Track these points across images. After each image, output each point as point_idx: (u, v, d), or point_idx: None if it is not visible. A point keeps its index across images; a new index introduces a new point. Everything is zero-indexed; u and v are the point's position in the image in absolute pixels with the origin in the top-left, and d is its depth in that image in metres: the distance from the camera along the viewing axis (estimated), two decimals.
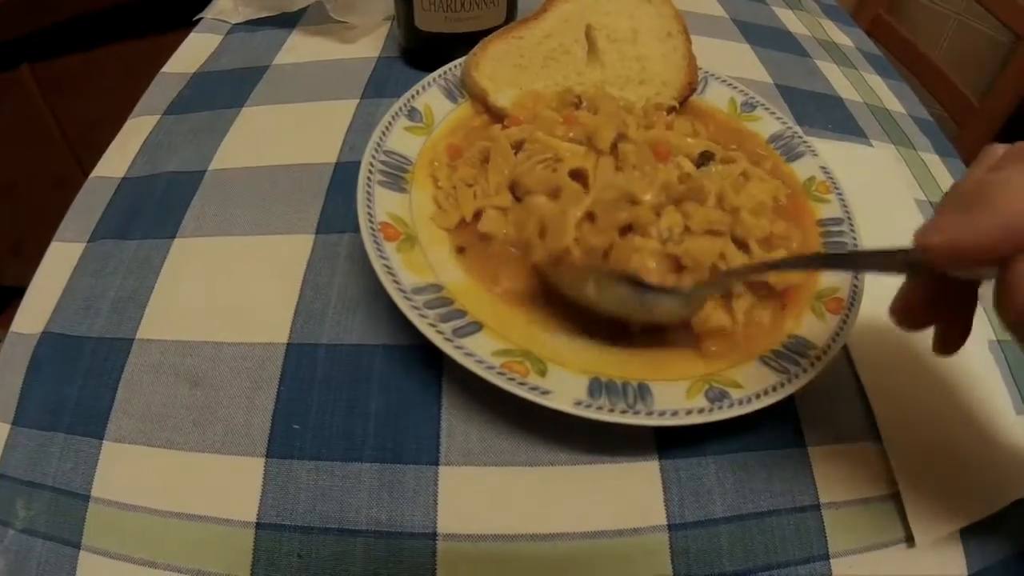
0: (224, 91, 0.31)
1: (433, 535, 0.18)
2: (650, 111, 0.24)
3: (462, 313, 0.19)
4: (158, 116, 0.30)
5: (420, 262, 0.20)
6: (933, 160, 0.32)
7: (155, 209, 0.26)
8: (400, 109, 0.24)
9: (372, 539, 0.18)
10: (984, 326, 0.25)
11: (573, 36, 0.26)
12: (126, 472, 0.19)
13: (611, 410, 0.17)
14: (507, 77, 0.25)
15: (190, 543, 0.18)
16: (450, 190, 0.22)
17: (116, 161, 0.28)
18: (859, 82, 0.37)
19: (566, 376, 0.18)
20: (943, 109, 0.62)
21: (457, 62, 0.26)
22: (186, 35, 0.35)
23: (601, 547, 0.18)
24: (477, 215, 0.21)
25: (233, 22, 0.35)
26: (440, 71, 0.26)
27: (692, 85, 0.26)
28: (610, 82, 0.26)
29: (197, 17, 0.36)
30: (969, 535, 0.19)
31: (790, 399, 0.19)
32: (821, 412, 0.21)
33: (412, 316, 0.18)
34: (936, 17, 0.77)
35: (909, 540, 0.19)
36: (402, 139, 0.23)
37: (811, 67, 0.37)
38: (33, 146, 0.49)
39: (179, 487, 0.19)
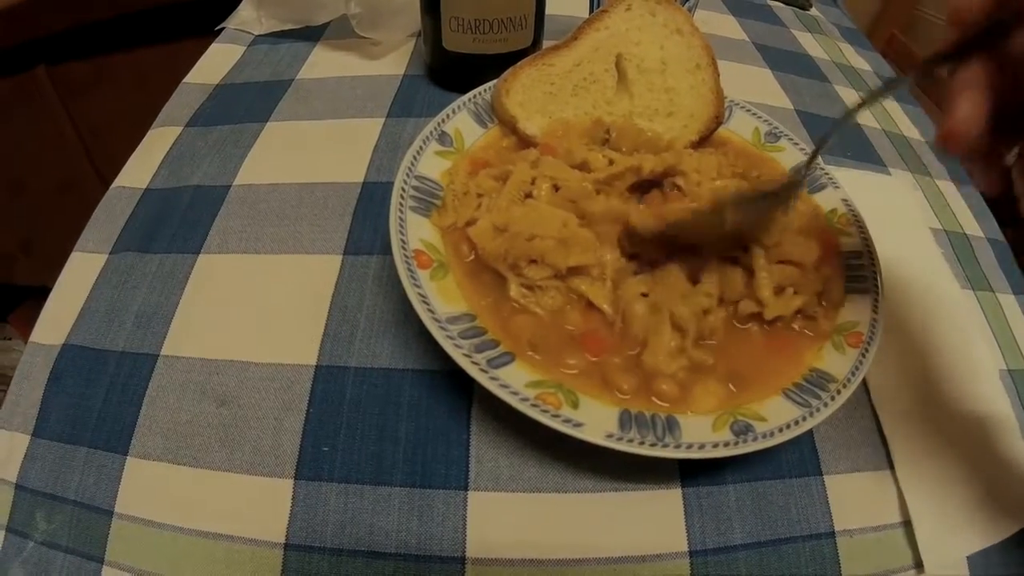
0: (248, 105, 0.31)
1: (462, 560, 0.18)
2: (680, 153, 0.24)
3: (495, 343, 0.19)
4: (181, 127, 0.30)
5: (453, 290, 0.20)
6: (948, 187, 0.33)
7: (179, 223, 0.26)
8: (431, 133, 0.24)
9: (401, 563, 0.18)
10: (995, 356, 0.25)
11: (603, 65, 0.26)
12: (151, 489, 0.19)
13: (641, 443, 0.17)
14: (537, 105, 0.26)
15: (217, 563, 0.18)
16: (460, 194, 0.22)
17: (138, 171, 0.28)
18: (877, 108, 0.37)
19: (598, 408, 0.18)
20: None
21: (486, 86, 0.26)
22: (201, 43, 0.34)
23: (625, 572, 0.18)
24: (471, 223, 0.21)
25: (256, 33, 0.35)
26: (470, 95, 0.26)
27: (719, 118, 0.26)
28: (638, 113, 0.26)
29: (219, 27, 0.36)
30: (975, 560, 0.20)
31: (809, 429, 0.19)
32: (838, 441, 0.21)
33: (447, 346, 0.18)
34: None
35: (919, 566, 0.19)
36: (433, 163, 0.23)
37: (830, 92, 0.37)
38: (46, 146, 0.48)
39: (206, 506, 0.19)
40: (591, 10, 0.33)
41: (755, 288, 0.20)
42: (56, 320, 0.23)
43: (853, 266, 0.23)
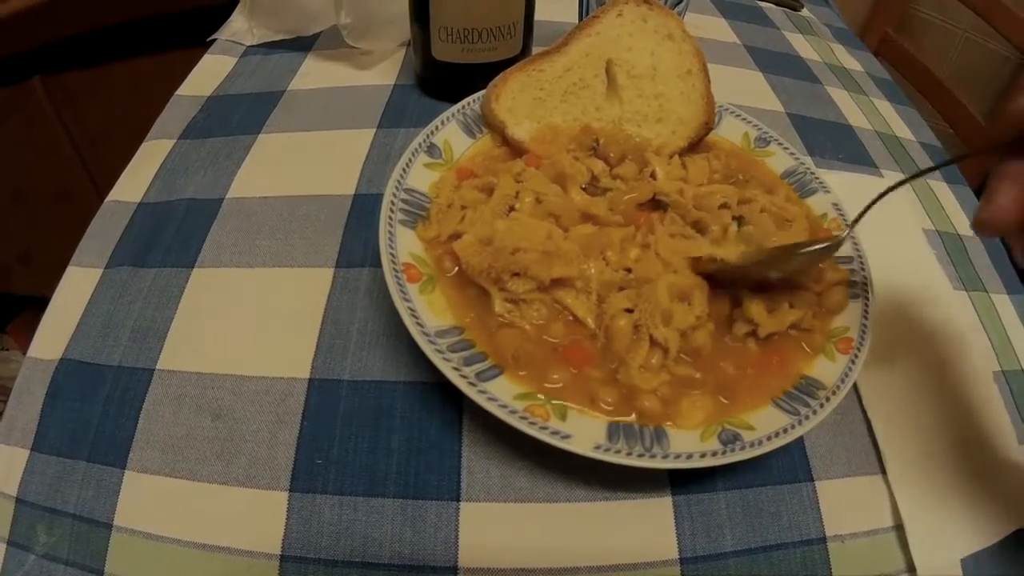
0: (240, 116, 0.31)
1: (455, 569, 0.18)
2: (674, 164, 0.24)
3: (484, 356, 0.19)
4: (174, 140, 0.30)
5: (441, 303, 0.20)
6: (941, 187, 0.33)
7: (173, 237, 0.26)
8: (419, 145, 0.24)
9: (396, 573, 0.18)
10: (989, 357, 0.25)
11: (593, 71, 0.26)
12: (149, 502, 0.19)
13: (629, 453, 0.17)
14: (526, 110, 0.26)
15: (215, 574, 0.18)
16: (444, 207, 0.22)
17: (132, 185, 0.28)
18: (869, 108, 0.37)
19: (586, 420, 0.18)
20: (949, 127, 0.62)
21: (475, 96, 0.26)
22: (194, 53, 0.35)
23: None
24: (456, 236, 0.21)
25: (247, 44, 0.35)
26: (458, 106, 0.26)
27: (708, 124, 0.26)
28: (628, 119, 0.26)
29: (211, 38, 0.36)
30: (968, 563, 0.20)
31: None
32: (829, 446, 0.21)
33: (436, 360, 0.18)
34: (944, 34, 0.77)
35: (911, 571, 0.19)
36: (422, 176, 0.23)
37: (822, 94, 0.37)
38: (42, 156, 0.49)
39: (203, 518, 0.19)
40: (580, 18, 0.33)
41: (744, 311, 0.20)
42: (53, 335, 0.23)
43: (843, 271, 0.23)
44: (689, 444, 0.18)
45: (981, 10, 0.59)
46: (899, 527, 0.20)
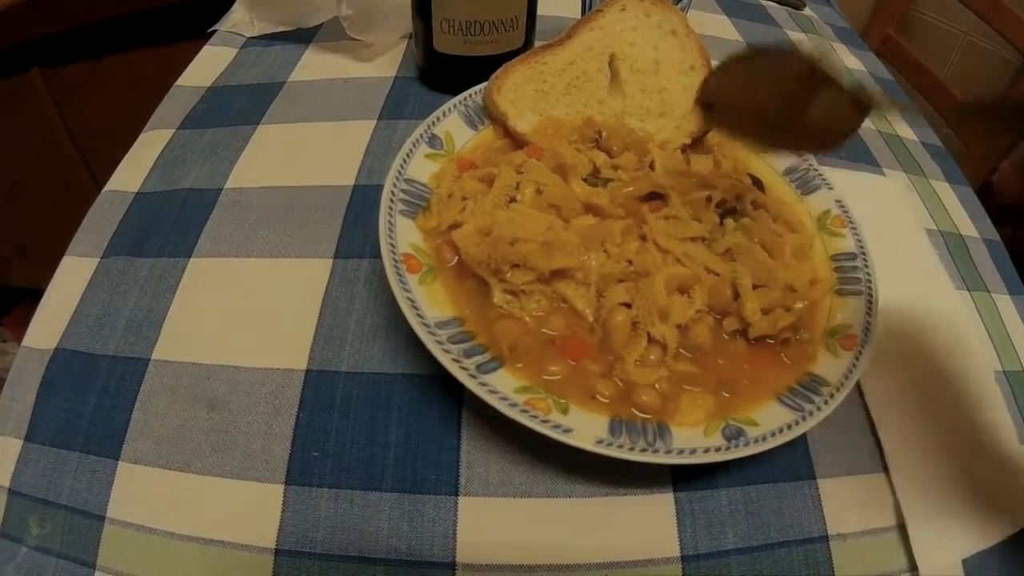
0: (239, 107, 0.31)
1: (452, 565, 0.18)
2: (675, 157, 0.24)
3: (484, 348, 0.19)
4: (173, 130, 0.30)
5: (441, 294, 0.20)
6: (943, 187, 0.33)
7: (170, 227, 0.25)
8: (421, 136, 0.24)
9: (392, 568, 0.18)
10: (991, 357, 0.25)
11: (596, 65, 0.26)
12: (142, 494, 0.19)
13: (631, 448, 0.17)
14: (528, 102, 0.25)
15: (208, 568, 0.18)
16: (444, 197, 0.22)
17: (130, 175, 0.28)
18: None
19: (587, 414, 0.18)
20: (950, 129, 0.62)
21: (477, 88, 0.26)
22: (195, 46, 0.34)
23: None
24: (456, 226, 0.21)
25: (248, 36, 0.35)
26: (460, 97, 0.26)
27: None
28: (630, 113, 0.26)
29: (212, 29, 0.36)
30: (971, 563, 0.20)
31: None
32: (831, 444, 0.21)
33: (436, 352, 0.18)
34: (945, 36, 0.78)
35: (913, 570, 0.19)
36: (423, 166, 0.23)
37: None
38: (41, 149, 0.49)
39: (197, 511, 0.19)
40: (583, 12, 0.33)
41: (740, 308, 0.20)
42: (48, 324, 0.23)
43: (847, 268, 0.23)
44: (692, 440, 0.18)
45: (983, 12, 0.59)
46: (901, 526, 0.20)
